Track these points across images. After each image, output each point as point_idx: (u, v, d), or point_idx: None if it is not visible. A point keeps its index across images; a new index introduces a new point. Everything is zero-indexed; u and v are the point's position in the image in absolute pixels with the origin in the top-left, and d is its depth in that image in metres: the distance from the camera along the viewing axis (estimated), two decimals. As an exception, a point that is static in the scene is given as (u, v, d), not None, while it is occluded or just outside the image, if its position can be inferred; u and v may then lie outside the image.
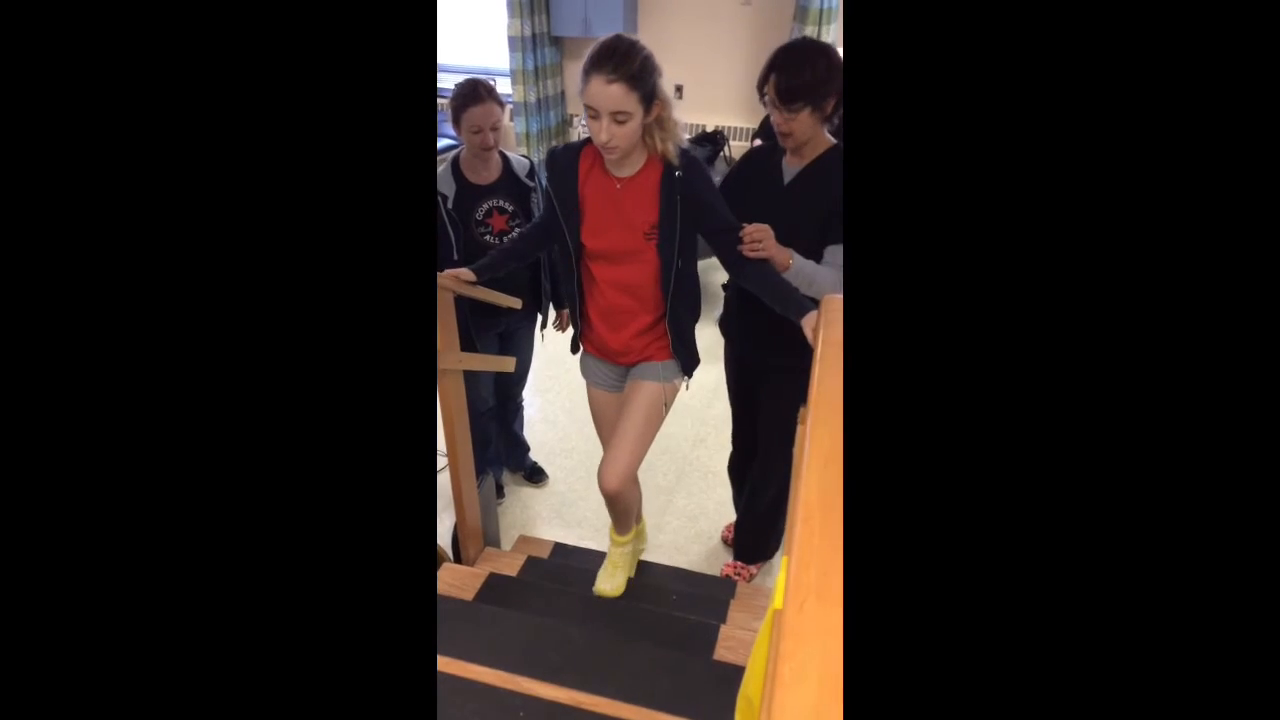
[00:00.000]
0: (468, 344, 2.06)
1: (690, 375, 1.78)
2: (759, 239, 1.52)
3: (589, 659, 1.51)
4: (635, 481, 1.82)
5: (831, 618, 0.54)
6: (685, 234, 1.56)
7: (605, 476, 1.72)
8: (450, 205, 2.06)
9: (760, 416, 1.98)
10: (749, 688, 0.78)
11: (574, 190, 1.57)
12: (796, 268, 1.55)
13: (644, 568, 2.17)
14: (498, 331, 2.26)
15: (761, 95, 1.58)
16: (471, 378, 2.15)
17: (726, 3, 4.19)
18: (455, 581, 1.85)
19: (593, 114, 1.42)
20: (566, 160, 1.59)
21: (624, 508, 1.84)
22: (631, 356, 1.74)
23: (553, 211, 1.62)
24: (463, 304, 1.99)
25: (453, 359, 1.82)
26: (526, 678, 1.45)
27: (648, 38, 1.68)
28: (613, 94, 1.38)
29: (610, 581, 1.93)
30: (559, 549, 2.31)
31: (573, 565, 2.16)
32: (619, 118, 1.40)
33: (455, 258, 2.08)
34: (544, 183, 1.72)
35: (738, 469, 2.23)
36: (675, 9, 4.30)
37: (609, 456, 1.72)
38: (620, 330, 1.70)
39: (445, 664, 1.44)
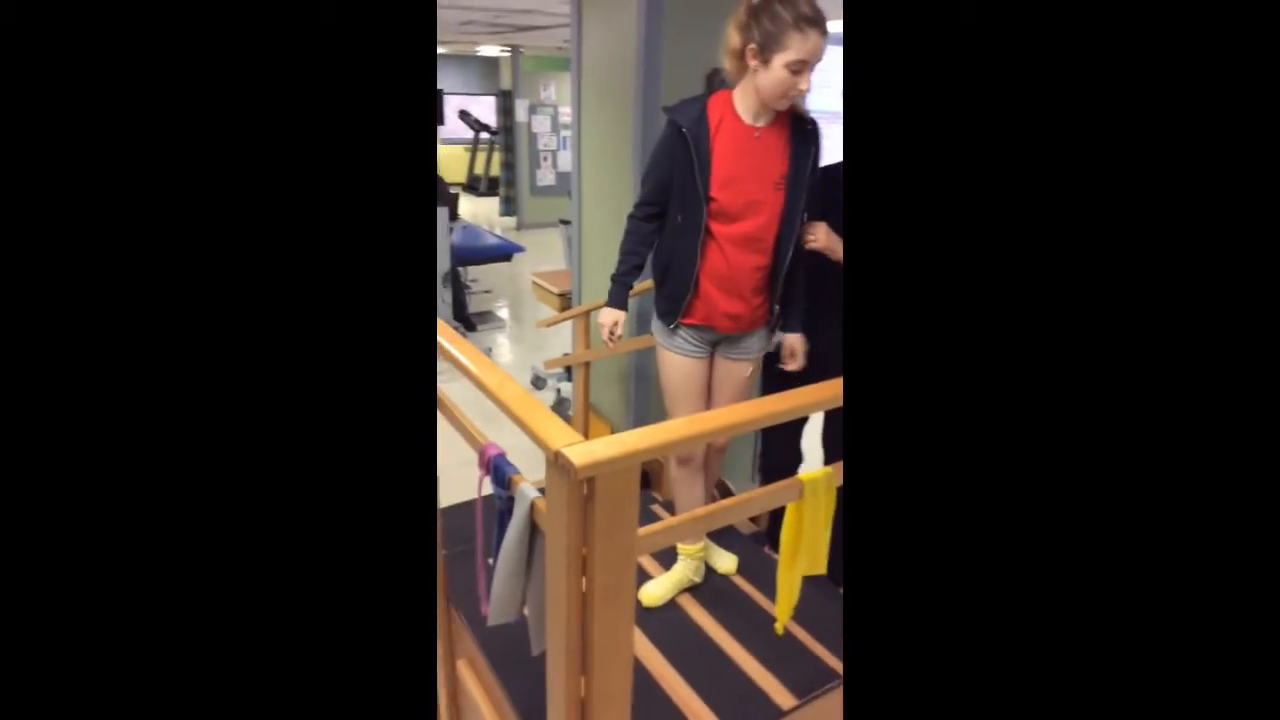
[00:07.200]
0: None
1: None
2: (814, 234, 1.64)
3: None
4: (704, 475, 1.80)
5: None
6: (813, 185, 1.60)
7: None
8: None
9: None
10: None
11: (707, 142, 1.55)
12: None
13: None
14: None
15: None
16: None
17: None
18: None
19: (797, 68, 1.43)
20: (697, 112, 1.56)
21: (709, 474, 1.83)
22: (741, 322, 1.68)
23: (667, 178, 1.59)
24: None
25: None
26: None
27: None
28: (822, 46, 1.42)
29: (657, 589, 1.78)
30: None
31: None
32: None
33: None
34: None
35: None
36: None
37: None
38: (734, 292, 1.64)
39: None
